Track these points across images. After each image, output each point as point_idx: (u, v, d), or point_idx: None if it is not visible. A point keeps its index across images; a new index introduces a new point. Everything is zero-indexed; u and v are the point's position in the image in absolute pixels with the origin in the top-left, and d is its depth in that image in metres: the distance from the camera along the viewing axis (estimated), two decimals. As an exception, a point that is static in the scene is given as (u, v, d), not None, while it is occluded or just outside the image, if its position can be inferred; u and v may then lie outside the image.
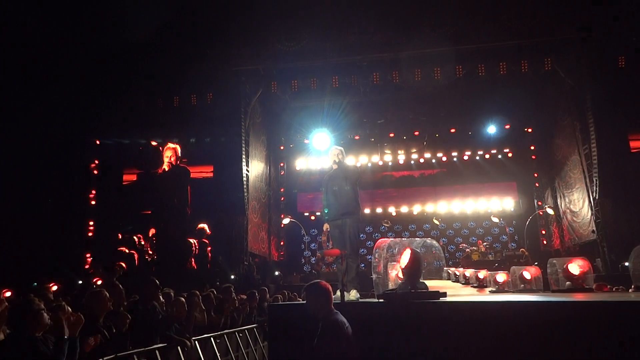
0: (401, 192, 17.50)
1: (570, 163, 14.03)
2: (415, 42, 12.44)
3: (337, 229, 5.61)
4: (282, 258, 17.29)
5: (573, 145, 13.61)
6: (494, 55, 13.02)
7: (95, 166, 14.08)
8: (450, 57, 12.85)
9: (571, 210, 14.12)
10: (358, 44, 12.85)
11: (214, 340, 6.36)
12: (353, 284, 5.43)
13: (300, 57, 13.02)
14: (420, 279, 4.71)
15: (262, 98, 14.52)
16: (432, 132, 17.22)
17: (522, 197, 16.70)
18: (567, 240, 14.60)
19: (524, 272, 8.30)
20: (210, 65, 12.93)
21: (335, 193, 5.70)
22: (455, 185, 17.04)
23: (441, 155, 17.52)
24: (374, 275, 5.43)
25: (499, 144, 17.00)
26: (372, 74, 13.80)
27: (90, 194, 13.78)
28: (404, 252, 4.52)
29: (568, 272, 7.46)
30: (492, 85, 14.14)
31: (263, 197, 16.06)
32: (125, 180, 14.50)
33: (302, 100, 14.75)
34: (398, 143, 17.75)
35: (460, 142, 17.30)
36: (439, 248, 7.09)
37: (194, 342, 5.79)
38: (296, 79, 14.01)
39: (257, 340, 7.98)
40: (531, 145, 16.82)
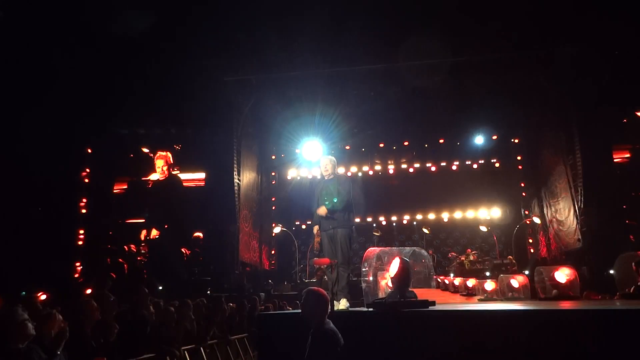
0: (391, 202, 17.61)
1: (556, 173, 14.30)
2: (406, 53, 12.62)
3: (328, 238, 5.67)
4: (273, 267, 17.27)
5: (558, 156, 13.89)
6: (483, 67, 13.26)
7: (86, 175, 14.00)
8: (440, 68, 13.05)
9: (557, 219, 14.35)
10: (349, 55, 13.00)
11: (203, 350, 6.36)
12: (343, 293, 5.49)
13: (292, 67, 13.13)
14: (409, 287, 4.79)
15: (253, 108, 14.59)
16: (422, 143, 17.43)
17: (509, 206, 16.91)
18: (553, 248, 14.81)
19: (511, 280, 8.44)
20: (201, 75, 12.98)
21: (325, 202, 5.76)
22: (444, 195, 17.23)
23: (430, 165, 17.72)
24: (364, 284, 5.50)
25: (487, 154, 17.26)
26: (363, 84, 13.96)
27: (80, 202, 13.68)
28: (392, 261, 4.59)
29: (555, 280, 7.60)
30: (480, 96, 14.39)
31: (254, 206, 16.07)
32: (116, 189, 14.45)
33: (294, 110, 14.84)
34: (388, 153, 17.94)
35: (449, 153, 17.53)
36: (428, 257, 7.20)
37: (184, 352, 5.79)
38: (288, 89, 14.12)
39: (247, 349, 7.97)
40: (518, 155, 17.11)
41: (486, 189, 16.97)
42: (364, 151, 17.78)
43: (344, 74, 13.62)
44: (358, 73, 13.63)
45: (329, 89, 13.88)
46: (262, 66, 13.27)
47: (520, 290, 8.29)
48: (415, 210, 17.55)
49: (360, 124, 15.77)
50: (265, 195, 17.39)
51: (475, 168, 17.53)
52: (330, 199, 5.67)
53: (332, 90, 13.89)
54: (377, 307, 4.42)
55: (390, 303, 4.39)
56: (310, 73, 13.34)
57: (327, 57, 12.96)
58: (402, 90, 13.94)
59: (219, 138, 13.62)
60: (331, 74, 13.49)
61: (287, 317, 4.75)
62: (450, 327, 3.92)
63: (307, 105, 14.31)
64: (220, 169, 13.74)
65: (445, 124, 16.18)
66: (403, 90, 13.94)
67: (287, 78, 13.67)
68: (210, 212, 13.40)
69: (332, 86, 13.85)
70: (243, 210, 14.48)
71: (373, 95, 14.32)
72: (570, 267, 7.92)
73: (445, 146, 17.35)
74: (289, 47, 12.85)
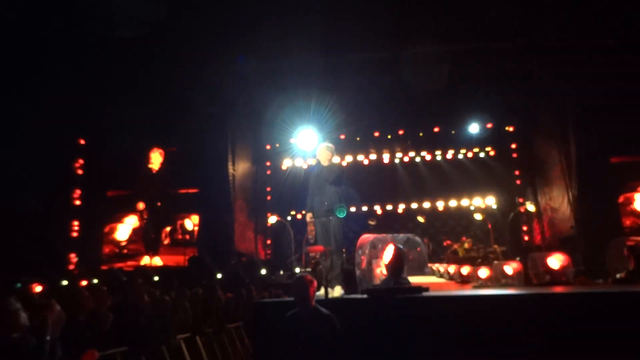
0: (386, 191, 17.64)
1: (550, 161, 14.36)
2: (401, 42, 12.56)
3: (322, 226, 5.67)
4: (268, 257, 17.30)
5: (553, 144, 13.93)
6: (478, 55, 13.22)
7: (80, 166, 13.92)
8: (436, 57, 13.00)
9: (551, 206, 14.44)
10: (344, 43, 12.92)
11: (199, 339, 6.38)
12: (337, 280, 5.50)
13: (287, 56, 13.05)
14: (403, 274, 4.81)
15: (248, 97, 14.51)
16: (416, 132, 17.41)
17: (504, 194, 16.98)
18: (547, 236, 14.92)
19: (505, 267, 8.52)
20: (194, 65, 12.88)
21: (320, 191, 5.76)
22: (439, 183, 17.27)
23: (425, 154, 17.73)
24: (358, 271, 5.51)
25: (482, 142, 17.26)
26: (358, 73, 13.89)
27: (74, 193, 13.62)
28: (386, 248, 4.61)
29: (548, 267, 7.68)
30: (475, 84, 14.36)
31: (249, 196, 16.06)
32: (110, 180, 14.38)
33: (288, 100, 14.76)
34: (383, 142, 17.91)
35: (444, 141, 17.53)
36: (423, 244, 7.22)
37: (180, 341, 5.80)
38: (282, 79, 14.02)
39: (243, 338, 8.01)
40: (512, 143, 17.15)
41: (481, 177, 17.02)
42: (359, 140, 17.74)
43: (339, 62, 13.55)
44: (353, 62, 13.57)
45: (324, 78, 13.81)
46: (256, 56, 13.17)
47: (514, 276, 8.37)
48: (410, 199, 17.60)
49: (355, 113, 15.72)
50: (260, 185, 17.37)
51: (470, 157, 17.56)
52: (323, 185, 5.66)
53: (327, 79, 13.81)
54: (371, 294, 4.44)
55: (384, 289, 4.42)
56: (305, 62, 13.25)
57: (321, 46, 12.87)
58: (397, 79, 13.88)
59: (213, 128, 13.56)
60: (326, 62, 13.41)
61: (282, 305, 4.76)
62: (444, 312, 3.95)
63: (301, 94, 14.24)
64: (214, 159, 13.69)
65: (440, 112, 16.17)
66: (398, 79, 13.88)
67: (281, 67, 13.58)
68: (205, 202, 13.39)
69: (327, 75, 13.77)
70: (238, 200, 14.47)
71: (368, 84, 14.26)
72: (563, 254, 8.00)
73: (440, 135, 17.34)
74: (283, 36, 12.75)
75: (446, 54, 12.93)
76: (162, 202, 14.46)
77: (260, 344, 4.58)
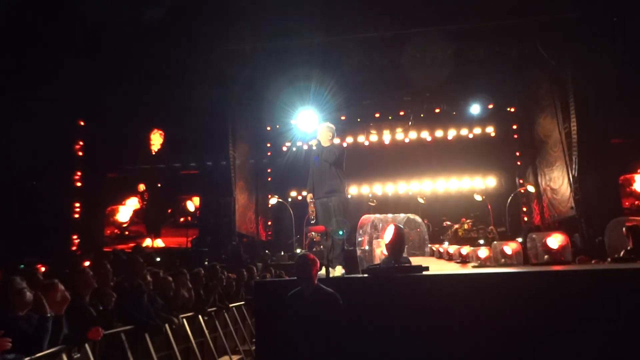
0: (387, 172, 17.66)
1: (551, 142, 14.33)
2: (402, 22, 12.40)
3: (322, 206, 5.70)
4: (269, 237, 17.43)
5: (554, 124, 13.87)
6: (479, 35, 13.05)
7: (80, 147, 13.90)
8: (436, 37, 12.85)
9: (551, 187, 14.47)
10: (345, 23, 12.76)
11: (201, 318, 6.48)
12: (338, 260, 5.56)
13: (286, 36, 12.90)
14: (403, 253, 4.85)
15: (248, 78, 14.40)
16: (417, 112, 17.33)
17: (504, 175, 17.01)
18: (547, 216, 14.98)
19: (504, 247, 8.55)
20: (194, 46, 12.74)
21: (321, 171, 5.77)
22: (440, 164, 17.28)
23: (426, 135, 17.69)
24: (359, 251, 5.57)
25: (482, 123, 17.23)
26: (359, 53, 13.74)
27: (75, 175, 13.64)
28: (387, 227, 4.64)
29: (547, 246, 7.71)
30: (476, 65, 14.22)
31: (250, 177, 16.09)
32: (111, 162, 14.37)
33: (289, 81, 14.65)
34: (384, 123, 17.86)
35: (445, 122, 17.48)
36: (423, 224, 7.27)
37: (182, 320, 5.89)
38: (283, 59, 13.89)
39: (245, 317, 8.13)
40: (513, 124, 17.10)
41: (482, 158, 17.02)
42: (360, 121, 17.68)
43: (340, 42, 13.40)
44: (354, 42, 13.41)
45: (324, 58, 13.67)
46: (256, 35, 13.02)
47: (513, 256, 8.42)
48: (411, 180, 17.63)
49: (356, 94, 15.63)
50: (260, 167, 17.38)
51: (471, 137, 17.53)
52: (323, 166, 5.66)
53: (328, 59, 13.68)
54: (372, 273, 4.48)
55: (384, 269, 4.46)
56: (306, 42, 13.10)
57: (322, 26, 12.71)
58: (399, 59, 13.74)
59: (213, 110, 13.49)
60: (327, 42, 13.26)
61: (283, 284, 4.82)
62: (443, 290, 4.00)
63: (302, 75, 14.12)
64: (215, 141, 13.67)
65: (441, 93, 16.08)
66: (399, 60, 13.74)
67: (281, 47, 13.44)
68: (206, 184, 13.42)
69: (328, 55, 13.64)
70: (239, 181, 14.50)
71: (369, 65, 14.12)
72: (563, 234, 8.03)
73: (441, 115, 17.29)
74: (284, 16, 12.58)
75: (448, 34, 12.78)
76: (162, 184, 14.49)
77: (262, 323, 4.65)
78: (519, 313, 3.66)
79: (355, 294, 4.08)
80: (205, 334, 6.46)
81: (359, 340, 3.69)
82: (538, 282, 3.85)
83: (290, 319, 3.69)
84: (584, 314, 3.53)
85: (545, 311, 3.62)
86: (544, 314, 3.61)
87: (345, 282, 4.66)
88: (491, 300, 3.75)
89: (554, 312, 3.59)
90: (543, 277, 3.96)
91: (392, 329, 3.93)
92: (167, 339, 5.41)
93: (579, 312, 3.55)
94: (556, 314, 3.58)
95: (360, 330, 3.81)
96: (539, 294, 3.69)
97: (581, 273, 4.01)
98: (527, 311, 3.66)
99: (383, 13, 12.49)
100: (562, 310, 3.58)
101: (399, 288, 4.08)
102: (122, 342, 4.60)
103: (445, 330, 3.79)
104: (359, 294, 4.14)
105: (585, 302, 3.54)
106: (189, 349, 5.93)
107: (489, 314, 3.71)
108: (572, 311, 3.57)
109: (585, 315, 3.52)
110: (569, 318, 3.56)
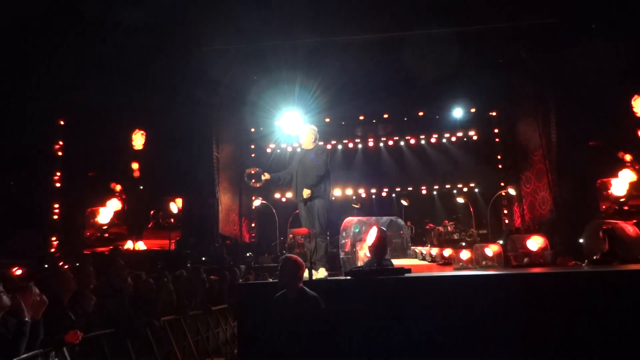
0: (370, 174, 17.75)
1: (532, 145, 14.59)
2: (385, 25, 12.49)
3: (306, 209, 5.70)
4: (253, 240, 17.33)
5: (534, 128, 14.14)
6: (462, 39, 13.22)
7: (60, 147, 13.64)
8: (419, 40, 12.97)
9: (532, 190, 14.74)
10: (329, 25, 12.79)
11: (183, 321, 6.41)
12: (322, 262, 5.56)
13: (271, 38, 12.88)
14: (386, 256, 4.89)
15: (232, 78, 14.33)
16: (401, 116, 17.49)
17: (486, 178, 17.24)
18: (527, 219, 15.24)
19: (485, 249, 8.70)
20: (177, 46, 12.63)
21: (304, 174, 5.77)
22: (423, 167, 17.47)
23: (409, 138, 17.85)
24: (342, 253, 5.59)
25: (465, 127, 17.45)
26: (343, 55, 13.78)
27: (54, 175, 13.37)
28: (370, 230, 4.67)
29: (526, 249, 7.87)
30: (459, 69, 14.39)
31: (233, 178, 15.99)
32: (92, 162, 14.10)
33: (273, 82, 14.63)
34: (368, 125, 17.96)
35: (428, 125, 17.66)
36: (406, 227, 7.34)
37: (164, 323, 5.82)
38: (267, 60, 13.85)
39: (227, 320, 8.08)
40: (495, 128, 17.36)
41: (464, 161, 17.24)
42: (344, 124, 17.74)
43: (324, 44, 13.42)
44: (338, 44, 13.46)
45: (309, 60, 13.68)
46: (240, 36, 12.96)
47: (494, 258, 8.57)
48: (394, 183, 17.75)
49: (340, 96, 15.67)
50: (244, 168, 17.27)
51: (453, 141, 17.74)
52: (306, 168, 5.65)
53: (312, 61, 13.69)
54: (355, 275, 4.51)
55: (367, 271, 4.49)
56: (290, 43, 13.10)
57: (306, 27, 12.73)
58: (382, 62, 13.84)
59: (197, 110, 13.37)
60: (311, 44, 13.28)
61: (266, 286, 4.81)
62: (425, 293, 4.04)
63: (286, 76, 14.10)
64: (198, 141, 13.55)
65: (424, 96, 16.23)
66: (383, 63, 13.84)
67: (265, 48, 13.40)
68: (189, 185, 13.29)
69: (312, 57, 13.65)
70: (222, 183, 14.40)
71: (354, 67, 14.18)
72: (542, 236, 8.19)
73: (425, 119, 17.45)
74: (268, 17, 12.56)
75: (431, 38, 12.92)
76: (144, 185, 14.28)
77: (245, 326, 4.63)
78: (499, 314, 3.72)
79: (338, 296, 4.10)
80: (188, 337, 6.40)
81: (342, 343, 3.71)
82: (517, 285, 3.92)
83: (273, 322, 3.68)
84: (562, 315, 3.60)
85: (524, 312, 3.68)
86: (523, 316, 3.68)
87: (329, 284, 4.67)
88: (472, 302, 3.80)
89: (532, 314, 3.66)
90: (521, 280, 4.03)
91: (375, 330, 3.96)
92: (149, 342, 5.34)
93: (557, 313, 3.63)
94: (535, 315, 3.65)
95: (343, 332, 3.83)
96: (518, 296, 3.75)
97: (558, 275, 4.10)
98: (506, 313, 3.72)
99: (366, 16, 12.56)
100: (540, 311, 3.65)
101: (381, 290, 4.11)
102: (102, 346, 4.53)
103: (427, 332, 3.83)
104: (341, 295, 4.16)
105: (563, 304, 3.62)
106: (171, 352, 5.86)
107: (469, 316, 3.76)
108: (551, 312, 3.64)
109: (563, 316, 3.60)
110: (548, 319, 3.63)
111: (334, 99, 15.64)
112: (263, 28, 12.65)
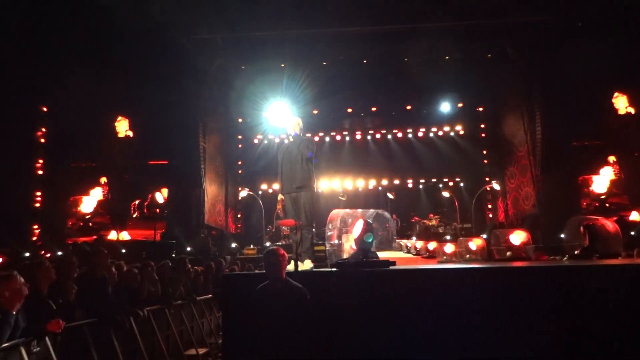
0: (358, 167, 17.81)
1: (517, 141, 14.77)
2: (374, 19, 12.46)
3: (292, 201, 5.68)
4: (239, 230, 17.30)
5: (520, 125, 14.31)
6: (451, 35, 13.27)
7: (42, 134, 13.38)
8: (408, 35, 12.99)
9: (516, 185, 14.94)
10: (318, 17, 12.72)
11: (167, 311, 6.38)
12: (307, 254, 5.57)
13: (259, 28, 12.76)
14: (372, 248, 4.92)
15: (219, 69, 14.19)
16: (389, 110, 17.54)
17: (471, 173, 17.43)
18: (511, 214, 15.46)
19: (469, 243, 8.83)
20: (166, 34, 12.42)
21: (290, 165, 5.74)
22: (410, 161, 17.59)
23: (397, 132, 17.93)
24: (328, 245, 5.60)
25: (452, 121, 17.59)
26: (331, 48, 13.75)
27: (36, 163, 13.13)
28: (356, 222, 4.69)
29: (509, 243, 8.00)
30: (447, 64, 14.48)
31: (220, 169, 15.90)
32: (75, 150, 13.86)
33: (261, 73, 14.54)
34: (356, 118, 17.99)
35: (416, 120, 17.76)
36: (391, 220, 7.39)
37: (147, 313, 5.78)
38: (255, 51, 13.74)
39: (212, 310, 8.06)
40: (481, 123, 17.52)
41: (450, 155, 17.39)
42: (332, 116, 17.73)
43: (313, 36, 13.35)
44: (326, 36, 13.40)
45: (298, 51, 13.60)
46: (228, 26, 12.81)
47: (477, 252, 8.71)
48: (381, 176, 17.84)
49: (328, 88, 15.64)
50: (231, 159, 17.21)
51: (440, 135, 17.88)
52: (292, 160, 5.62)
53: (300, 52, 13.62)
54: (340, 267, 4.52)
55: (352, 263, 4.51)
56: (279, 34, 13.00)
57: (294, 18, 12.63)
58: (371, 55, 13.84)
59: (184, 100, 13.22)
60: (300, 35, 13.19)
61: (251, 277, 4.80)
62: (410, 285, 4.08)
63: (274, 67, 14.02)
64: (185, 131, 13.42)
65: (412, 91, 16.29)
66: (371, 56, 13.84)
67: (254, 38, 13.28)
68: (175, 174, 13.18)
69: (300, 48, 13.57)
70: (209, 173, 14.31)
71: (342, 60, 14.15)
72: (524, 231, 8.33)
73: (412, 113, 17.54)
74: (256, 6, 12.43)
75: (420, 33, 12.94)
76: (129, 174, 14.11)
77: (229, 316, 4.62)
78: (482, 307, 3.78)
79: (324, 288, 4.12)
80: (172, 327, 6.37)
81: (327, 334, 3.73)
82: (499, 278, 3.98)
83: (258, 313, 3.68)
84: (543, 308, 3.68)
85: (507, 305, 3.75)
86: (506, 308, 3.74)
87: (314, 276, 4.69)
88: (455, 294, 3.85)
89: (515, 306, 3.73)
90: (504, 273, 4.09)
91: (360, 322, 3.99)
92: (132, 332, 5.30)
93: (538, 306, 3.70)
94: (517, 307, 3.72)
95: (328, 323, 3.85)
96: (500, 289, 3.82)
97: (540, 270, 4.17)
98: (489, 305, 3.78)
99: (356, 9, 12.52)
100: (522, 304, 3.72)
101: (366, 282, 4.14)
102: (85, 335, 4.48)
103: (412, 324, 3.87)
104: (327, 287, 4.18)
105: (544, 297, 3.69)
106: (155, 342, 5.84)
107: (453, 308, 3.82)
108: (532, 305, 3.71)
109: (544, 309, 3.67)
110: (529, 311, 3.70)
111: (321, 91, 15.61)
112: (251, 18, 12.52)
